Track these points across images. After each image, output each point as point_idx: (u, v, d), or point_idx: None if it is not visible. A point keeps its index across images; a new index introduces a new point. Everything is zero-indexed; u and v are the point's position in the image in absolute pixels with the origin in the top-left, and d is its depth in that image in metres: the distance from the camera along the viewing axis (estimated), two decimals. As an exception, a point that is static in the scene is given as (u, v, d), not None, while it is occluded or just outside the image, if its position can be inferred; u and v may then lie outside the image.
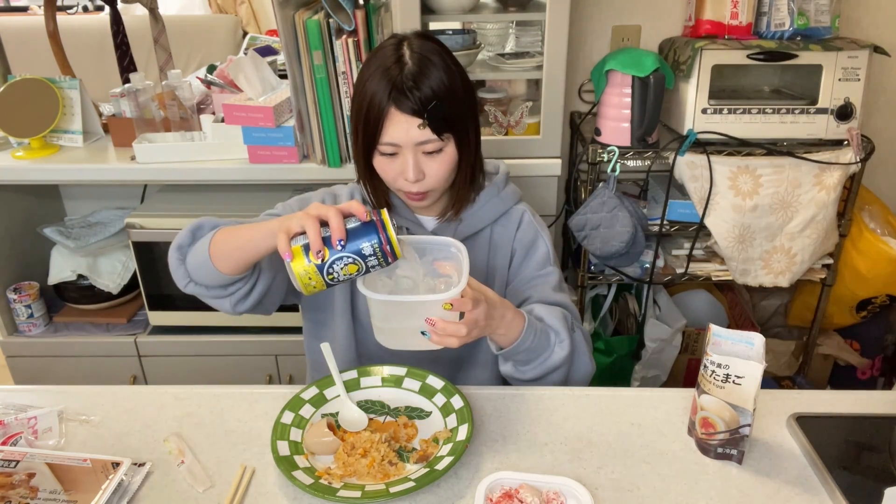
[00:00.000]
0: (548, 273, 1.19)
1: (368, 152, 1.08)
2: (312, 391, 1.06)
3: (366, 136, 1.06)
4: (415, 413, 1.04)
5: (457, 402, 1.02)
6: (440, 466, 0.90)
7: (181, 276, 1.06)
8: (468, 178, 1.14)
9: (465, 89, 1.07)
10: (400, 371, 1.10)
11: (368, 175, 1.13)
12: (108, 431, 1.01)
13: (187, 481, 0.91)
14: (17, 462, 0.90)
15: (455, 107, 1.05)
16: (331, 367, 1.06)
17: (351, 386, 1.08)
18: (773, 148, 1.72)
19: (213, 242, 1.01)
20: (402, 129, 1.02)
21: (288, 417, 1.00)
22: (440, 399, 1.04)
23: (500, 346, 1.06)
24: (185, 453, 0.95)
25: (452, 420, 1.00)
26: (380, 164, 1.08)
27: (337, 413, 1.03)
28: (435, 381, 1.07)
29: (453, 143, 1.07)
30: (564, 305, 1.16)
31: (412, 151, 1.04)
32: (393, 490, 0.87)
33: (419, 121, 1.01)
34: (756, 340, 0.91)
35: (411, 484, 0.87)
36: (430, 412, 1.04)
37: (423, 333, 0.92)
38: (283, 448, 0.94)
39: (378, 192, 1.16)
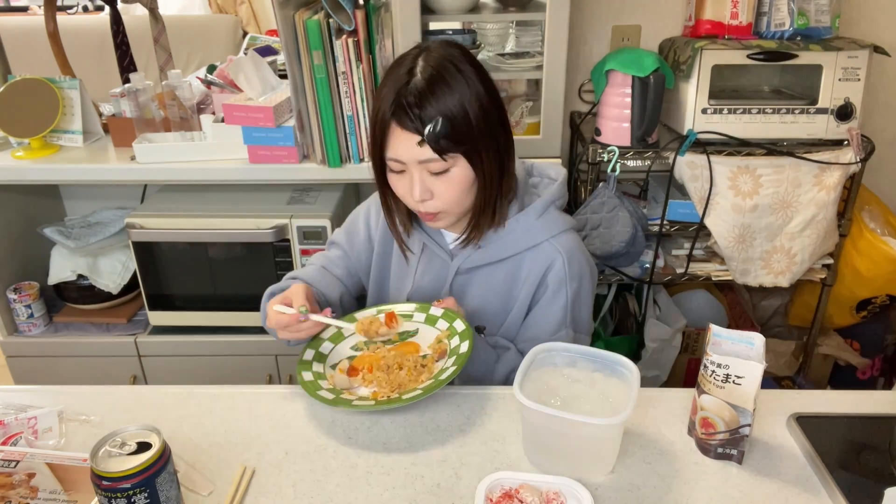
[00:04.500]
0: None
1: (382, 165, 1.06)
2: (332, 330, 1.12)
3: (374, 149, 1.05)
4: (405, 335, 1.11)
5: (459, 325, 1.07)
6: (444, 377, 0.98)
7: None
8: (488, 201, 1.07)
9: (483, 107, 1.00)
10: (408, 308, 1.15)
11: (386, 188, 1.10)
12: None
13: (187, 487, 0.90)
14: (17, 462, 0.90)
15: (462, 126, 0.99)
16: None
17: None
18: (773, 148, 1.72)
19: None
20: (404, 145, 1.00)
21: (309, 354, 1.08)
22: (442, 324, 1.10)
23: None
24: (178, 464, 0.94)
25: (454, 341, 1.05)
26: (391, 179, 1.07)
27: (349, 357, 1.09)
28: (436, 311, 1.12)
29: (464, 163, 1.02)
30: None
31: (417, 170, 1.02)
32: (405, 396, 0.96)
33: (419, 138, 0.98)
34: (756, 340, 0.91)
35: (419, 392, 0.97)
36: (416, 329, 1.11)
37: None
38: (308, 377, 1.03)
39: (398, 205, 1.13)
